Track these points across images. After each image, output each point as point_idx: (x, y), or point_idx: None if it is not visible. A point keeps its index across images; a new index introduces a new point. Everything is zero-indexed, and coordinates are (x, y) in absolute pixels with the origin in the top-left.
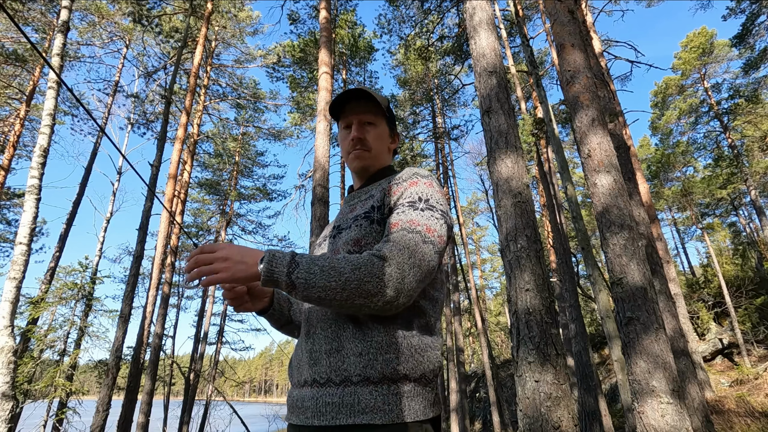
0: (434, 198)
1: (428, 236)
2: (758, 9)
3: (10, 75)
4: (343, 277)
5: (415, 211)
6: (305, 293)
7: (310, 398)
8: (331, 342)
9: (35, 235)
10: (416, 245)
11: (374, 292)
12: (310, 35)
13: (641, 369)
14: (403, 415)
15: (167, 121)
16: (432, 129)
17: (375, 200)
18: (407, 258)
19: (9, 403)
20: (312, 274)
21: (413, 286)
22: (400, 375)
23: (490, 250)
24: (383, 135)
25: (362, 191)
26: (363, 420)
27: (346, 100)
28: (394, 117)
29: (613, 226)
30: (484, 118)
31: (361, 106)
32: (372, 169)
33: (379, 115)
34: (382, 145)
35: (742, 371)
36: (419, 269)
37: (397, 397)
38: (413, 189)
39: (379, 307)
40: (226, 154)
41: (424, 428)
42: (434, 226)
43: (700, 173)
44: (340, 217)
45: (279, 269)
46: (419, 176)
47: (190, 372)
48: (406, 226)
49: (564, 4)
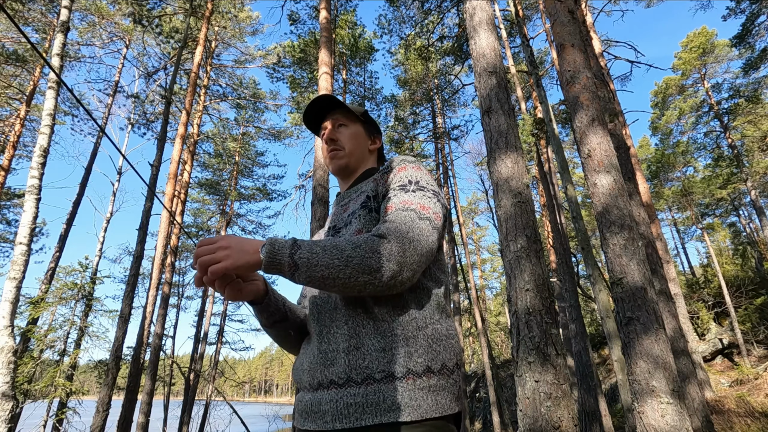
0: (424, 179)
1: (423, 213)
2: (758, 9)
3: (10, 75)
4: (344, 254)
5: (406, 193)
6: (308, 273)
7: (329, 401)
8: (349, 339)
9: (35, 235)
10: (413, 221)
11: (377, 267)
12: (310, 35)
13: (641, 369)
14: (431, 410)
15: (167, 121)
16: (432, 129)
17: (369, 190)
18: (405, 233)
19: (9, 403)
20: (314, 254)
21: (415, 259)
22: (423, 368)
23: (490, 250)
24: (358, 134)
25: (351, 190)
26: (390, 418)
27: (318, 111)
28: (372, 122)
29: (613, 226)
30: (484, 118)
31: (334, 112)
32: (351, 169)
33: (352, 118)
34: (357, 143)
35: (742, 371)
36: (419, 243)
37: (423, 391)
38: (402, 174)
39: (384, 283)
40: (226, 154)
41: (449, 427)
42: (428, 203)
43: (700, 173)
44: (335, 218)
45: (281, 251)
46: (407, 162)
47: (190, 372)
48: (400, 206)
49: (564, 4)
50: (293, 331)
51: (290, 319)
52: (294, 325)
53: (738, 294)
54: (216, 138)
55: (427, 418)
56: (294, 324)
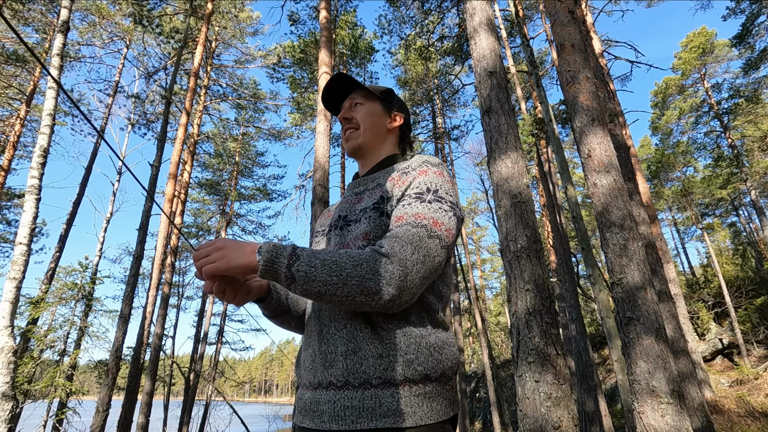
0: (443, 188)
1: (434, 230)
2: (758, 9)
3: (10, 75)
4: (344, 273)
5: (422, 204)
6: (305, 287)
7: (327, 402)
8: (347, 343)
9: (35, 235)
10: (421, 240)
11: (375, 290)
12: (310, 36)
13: (641, 369)
14: (426, 416)
15: (167, 122)
16: (432, 129)
17: (383, 190)
18: (411, 254)
19: (9, 403)
20: (313, 268)
21: (417, 283)
22: (421, 376)
23: (490, 250)
24: (374, 112)
25: (369, 178)
26: (385, 424)
27: (337, 92)
28: (394, 99)
29: (613, 226)
30: (484, 118)
31: (353, 92)
32: (367, 150)
33: (369, 96)
34: (373, 121)
35: (742, 371)
36: (423, 266)
37: (420, 398)
38: (422, 178)
39: (381, 305)
40: (226, 154)
41: (446, 429)
42: (442, 218)
43: (700, 173)
44: (346, 207)
45: (280, 260)
46: (429, 164)
47: (190, 372)
48: (411, 221)
49: (564, 4)
50: (294, 322)
51: (292, 311)
52: (295, 316)
53: (738, 294)
54: (216, 138)
55: (423, 425)
56: (295, 316)
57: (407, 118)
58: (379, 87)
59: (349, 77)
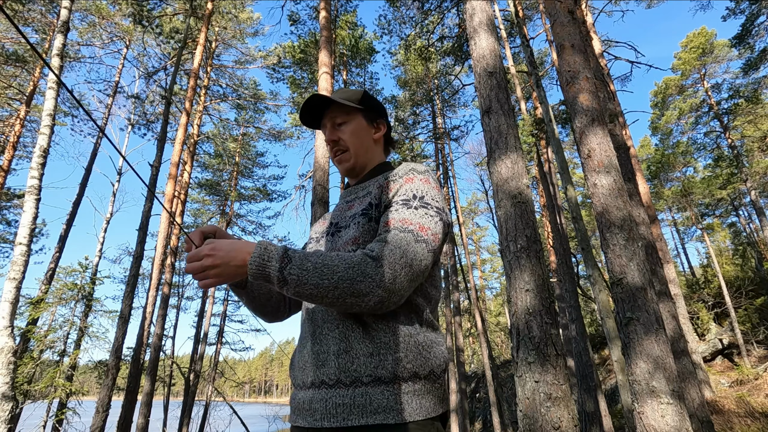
0: (429, 195)
1: (421, 235)
2: (758, 9)
3: (10, 75)
4: (335, 276)
5: (408, 210)
6: (297, 290)
7: (319, 400)
8: (339, 343)
9: (35, 235)
10: (408, 244)
11: (366, 292)
12: (310, 36)
13: (641, 369)
14: (415, 413)
15: (167, 122)
16: (432, 129)
17: (372, 197)
18: (399, 258)
19: (9, 403)
20: (305, 271)
21: (404, 285)
22: (410, 373)
23: (490, 250)
24: (359, 129)
25: (359, 187)
26: (375, 420)
27: (315, 109)
28: (373, 105)
29: (612, 226)
30: (484, 118)
31: (330, 109)
32: (359, 167)
33: (350, 111)
34: (361, 139)
35: (742, 371)
36: (411, 269)
37: (409, 395)
38: (408, 186)
39: (371, 307)
40: (226, 154)
41: (435, 426)
42: (428, 224)
43: (700, 173)
44: (338, 214)
45: (271, 264)
46: (415, 172)
47: (190, 372)
48: (399, 225)
49: (564, 5)
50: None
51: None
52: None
53: (738, 294)
54: (216, 138)
55: (412, 421)
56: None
57: (386, 118)
58: (355, 93)
59: (324, 96)
